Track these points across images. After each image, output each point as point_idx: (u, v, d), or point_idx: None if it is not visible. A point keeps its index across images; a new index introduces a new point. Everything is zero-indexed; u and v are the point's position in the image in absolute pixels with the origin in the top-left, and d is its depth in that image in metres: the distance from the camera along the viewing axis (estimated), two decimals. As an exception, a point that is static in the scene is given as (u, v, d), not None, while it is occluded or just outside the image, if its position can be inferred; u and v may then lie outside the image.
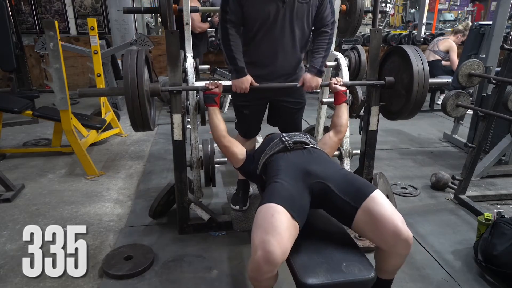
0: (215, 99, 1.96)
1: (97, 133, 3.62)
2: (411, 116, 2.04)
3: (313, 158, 1.65)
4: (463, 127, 3.96)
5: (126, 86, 1.71)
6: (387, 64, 2.12)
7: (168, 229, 2.30)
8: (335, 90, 2.04)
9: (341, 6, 2.58)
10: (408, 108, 1.96)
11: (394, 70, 2.05)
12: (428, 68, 1.91)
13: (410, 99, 1.91)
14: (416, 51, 1.93)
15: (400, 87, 2.01)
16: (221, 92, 1.99)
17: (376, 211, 1.39)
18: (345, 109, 2.03)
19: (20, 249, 2.09)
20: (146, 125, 1.84)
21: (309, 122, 4.04)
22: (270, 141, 1.84)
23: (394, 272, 1.54)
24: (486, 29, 3.86)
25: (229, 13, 1.96)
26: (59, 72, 2.73)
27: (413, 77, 1.86)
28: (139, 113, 1.76)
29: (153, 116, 2.01)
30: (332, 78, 2.08)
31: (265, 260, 1.24)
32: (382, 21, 9.40)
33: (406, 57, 1.91)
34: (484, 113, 2.46)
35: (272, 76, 2.07)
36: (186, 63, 2.35)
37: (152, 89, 1.89)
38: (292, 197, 1.42)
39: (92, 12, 6.78)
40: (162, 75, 6.42)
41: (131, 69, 1.73)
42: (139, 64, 1.75)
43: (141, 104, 1.74)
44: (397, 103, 2.06)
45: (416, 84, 1.87)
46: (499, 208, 2.59)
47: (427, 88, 1.91)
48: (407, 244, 1.35)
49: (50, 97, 5.28)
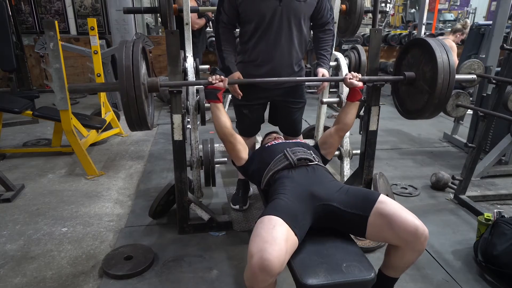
0: (217, 94, 1.84)
1: (97, 133, 3.62)
2: (434, 115, 1.87)
3: (316, 176, 1.63)
4: (463, 127, 3.96)
5: (120, 77, 1.50)
6: (405, 60, 1.97)
7: (168, 229, 2.30)
8: (351, 86, 1.89)
9: (341, 6, 2.58)
10: (431, 105, 1.77)
11: (414, 65, 1.88)
12: (454, 61, 1.72)
13: (434, 95, 1.72)
14: (440, 42, 1.76)
15: (421, 83, 1.83)
16: (225, 87, 1.85)
17: (390, 211, 1.39)
18: (356, 108, 1.94)
19: (20, 249, 2.09)
20: (143, 123, 1.62)
21: (309, 122, 4.04)
22: (273, 153, 1.79)
23: (404, 269, 1.54)
24: (486, 29, 3.86)
25: (222, 13, 2.01)
26: (59, 72, 2.73)
27: (438, 69, 1.68)
28: (135, 110, 1.55)
29: (151, 113, 1.82)
30: (348, 73, 1.93)
31: (260, 268, 1.21)
32: (382, 21, 9.39)
33: (428, 48, 1.73)
34: (484, 113, 2.46)
35: (271, 74, 2.07)
36: (186, 63, 2.35)
37: (151, 84, 1.70)
38: (295, 215, 1.40)
39: (92, 12, 6.78)
40: (162, 75, 6.43)
41: (126, 59, 1.51)
42: (135, 54, 1.53)
43: (137, 98, 1.52)
44: (418, 101, 1.89)
45: (441, 77, 1.67)
46: (499, 208, 2.59)
47: (453, 83, 1.71)
48: (425, 239, 1.36)
49: (50, 97, 5.29)
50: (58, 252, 2.07)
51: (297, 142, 1.93)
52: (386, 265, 1.55)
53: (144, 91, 1.61)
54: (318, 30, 2.15)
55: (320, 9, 2.03)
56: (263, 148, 1.96)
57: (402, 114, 2.05)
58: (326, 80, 2.11)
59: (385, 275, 1.56)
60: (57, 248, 2.11)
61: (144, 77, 1.67)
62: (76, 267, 1.95)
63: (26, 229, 2.29)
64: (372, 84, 2.06)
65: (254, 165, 1.87)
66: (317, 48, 2.18)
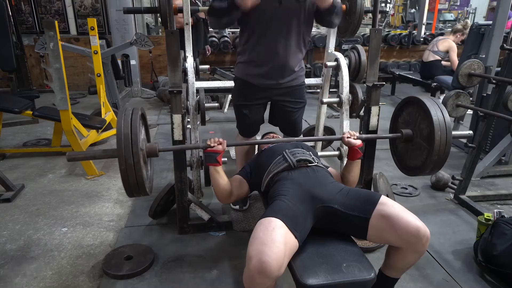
0: (217, 158, 1.76)
1: (97, 133, 3.62)
2: (434, 171, 1.84)
3: (317, 178, 1.61)
4: (463, 127, 3.96)
5: (119, 145, 1.49)
6: (401, 117, 1.97)
7: (168, 229, 2.30)
8: (349, 145, 1.82)
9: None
10: (431, 162, 1.74)
11: (411, 122, 1.88)
12: (449, 119, 1.73)
13: (433, 152, 1.70)
14: (434, 100, 1.77)
15: (420, 140, 1.82)
16: (224, 149, 1.79)
17: (392, 213, 1.39)
18: (358, 166, 1.87)
19: (20, 249, 2.09)
20: (141, 190, 1.61)
21: (309, 122, 4.04)
22: (271, 156, 1.77)
23: (405, 270, 1.54)
24: (486, 29, 3.86)
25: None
26: (59, 72, 2.73)
27: (434, 127, 1.68)
28: (133, 176, 1.52)
29: (150, 177, 1.81)
30: (345, 132, 1.87)
31: (259, 270, 1.19)
32: (382, 21, 9.38)
33: (423, 106, 1.74)
34: (484, 113, 2.46)
35: (271, 75, 2.07)
36: (186, 63, 2.35)
37: (149, 149, 1.70)
38: (295, 217, 1.39)
39: (92, 12, 6.78)
40: (162, 75, 6.44)
41: (125, 127, 1.51)
42: (133, 122, 1.54)
43: (135, 165, 1.50)
44: (417, 157, 1.87)
45: (438, 134, 1.67)
46: (499, 208, 2.59)
47: (451, 140, 1.71)
48: (426, 240, 1.36)
49: (50, 97, 5.29)
50: (58, 252, 2.07)
51: (296, 143, 1.91)
52: (386, 265, 1.55)
53: (142, 157, 1.60)
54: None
55: None
56: (260, 153, 1.94)
57: (402, 171, 2.01)
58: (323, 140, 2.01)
59: (385, 275, 1.56)
60: (57, 248, 2.11)
61: (142, 143, 1.66)
62: (76, 267, 1.95)
63: (26, 229, 2.29)
64: (371, 84, 2.06)
65: (254, 175, 1.84)
66: None
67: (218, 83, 3.03)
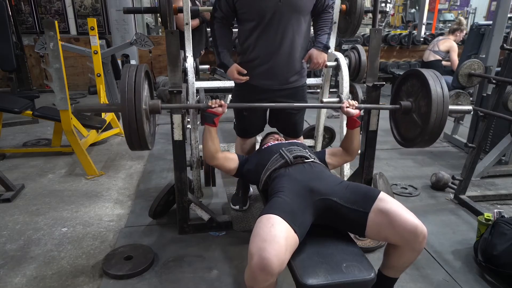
0: (214, 119, 1.84)
1: (97, 133, 3.62)
2: (426, 145, 1.87)
3: (314, 173, 1.64)
4: (463, 127, 3.95)
5: (122, 100, 1.56)
6: (405, 87, 1.95)
7: (168, 229, 2.30)
8: (349, 115, 1.86)
9: (341, 6, 2.58)
10: (422, 141, 1.80)
11: (413, 94, 1.87)
12: (448, 95, 1.72)
13: (426, 131, 1.73)
14: (436, 76, 1.74)
15: (416, 116, 1.84)
16: (223, 112, 1.85)
17: (390, 209, 1.40)
18: (358, 134, 1.92)
19: (20, 249, 2.09)
20: (143, 145, 1.68)
21: (309, 122, 4.04)
22: (269, 154, 1.82)
23: (403, 269, 1.54)
24: (486, 29, 3.86)
25: (217, 10, 2.03)
26: (59, 72, 2.73)
27: (432, 107, 1.68)
28: (136, 135, 1.60)
29: (152, 132, 1.89)
30: (345, 101, 1.90)
31: (260, 267, 1.20)
32: (382, 21, 9.38)
33: (425, 83, 1.72)
34: (484, 113, 2.46)
35: (271, 74, 2.06)
36: (186, 63, 2.35)
37: (152, 107, 1.76)
38: (294, 212, 1.40)
39: (92, 12, 6.78)
40: (162, 75, 6.43)
41: (129, 87, 1.57)
42: (138, 78, 1.60)
43: (138, 121, 1.57)
44: (411, 131, 1.90)
45: (434, 115, 1.68)
46: (499, 208, 2.59)
47: (446, 118, 1.71)
48: (423, 238, 1.37)
49: (50, 97, 5.29)
50: (58, 252, 2.07)
51: (293, 142, 1.96)
52: (385, 265, 1.55)
53: (146, 114, 1.67)
54: (316, 15, 2.09)
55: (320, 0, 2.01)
56: (260, 150, 1.98)
57: (396, 139, 2.04)
58: (324, 107, 2.09)
59: (384, 275, 1.56)
60: (57, 248, 2.11)
61: (146, 100, 1.71)
62: (76, 267, 1.95)
63: (26, 229, 2.29)
64: (371, 84, 2.06)
65: (251, 166, 1.89)
66: (315, 29, 2.13)
67: (218, 83, 3.03)
